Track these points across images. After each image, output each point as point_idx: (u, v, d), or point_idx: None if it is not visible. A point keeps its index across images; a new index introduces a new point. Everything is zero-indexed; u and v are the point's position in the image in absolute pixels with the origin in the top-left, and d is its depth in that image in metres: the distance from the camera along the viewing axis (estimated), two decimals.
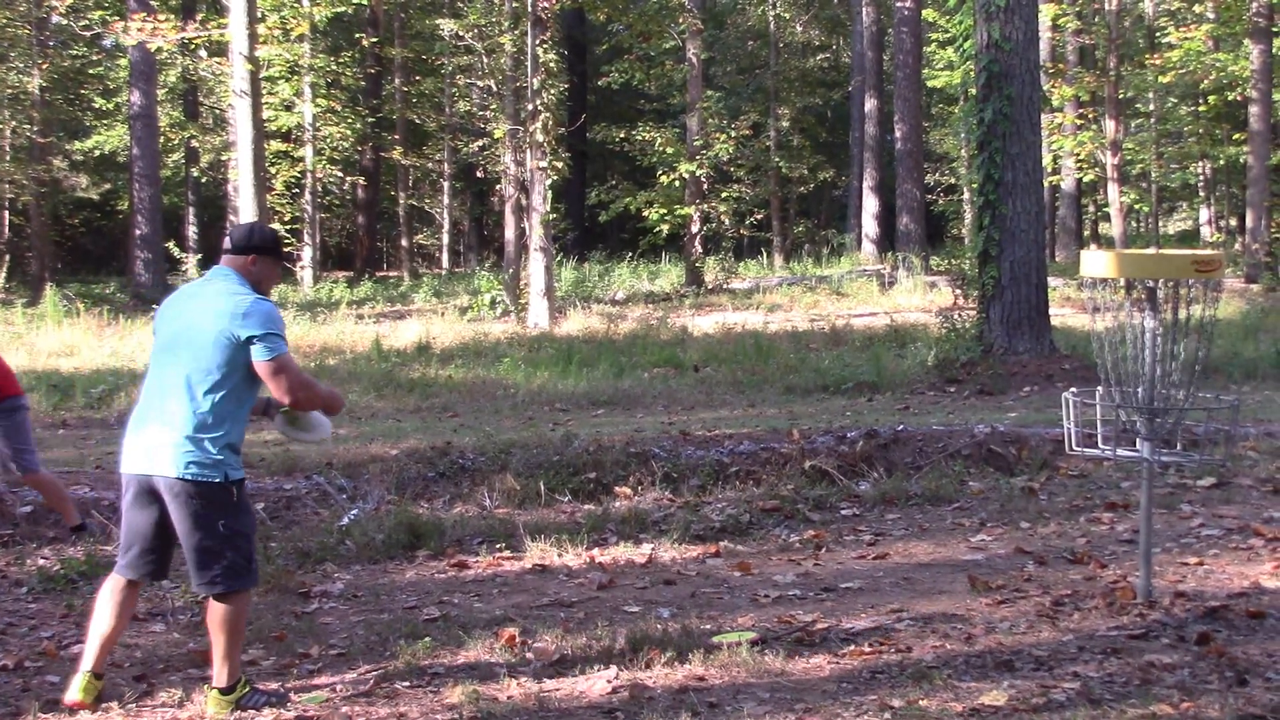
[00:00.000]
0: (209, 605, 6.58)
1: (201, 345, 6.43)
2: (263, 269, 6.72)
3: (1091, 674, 6.58)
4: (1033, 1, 18.84)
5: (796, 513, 10.94)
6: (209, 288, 6.62)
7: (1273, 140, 35.57)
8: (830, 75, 53.02)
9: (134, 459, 6.56)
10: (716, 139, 37.42)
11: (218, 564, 6.47)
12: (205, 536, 6.45)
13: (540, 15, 27.81)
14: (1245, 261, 34.18)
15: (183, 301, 6.73)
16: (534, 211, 27.84)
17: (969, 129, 20.11)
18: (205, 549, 6.46)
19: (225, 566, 6.49)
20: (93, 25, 33.79)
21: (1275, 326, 23.10)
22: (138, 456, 6.54)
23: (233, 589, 6.52)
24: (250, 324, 6.41)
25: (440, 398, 17.99)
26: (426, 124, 48.84)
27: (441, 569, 9.54)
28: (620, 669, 6.95)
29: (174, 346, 6.55)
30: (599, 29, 47.55)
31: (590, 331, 25.17)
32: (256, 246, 6.71)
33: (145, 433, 6.53)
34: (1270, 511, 10.33)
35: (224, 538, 6.48)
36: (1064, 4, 36.96)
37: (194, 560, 6.51)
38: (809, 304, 30.72)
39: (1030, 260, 18.49)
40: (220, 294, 6.53)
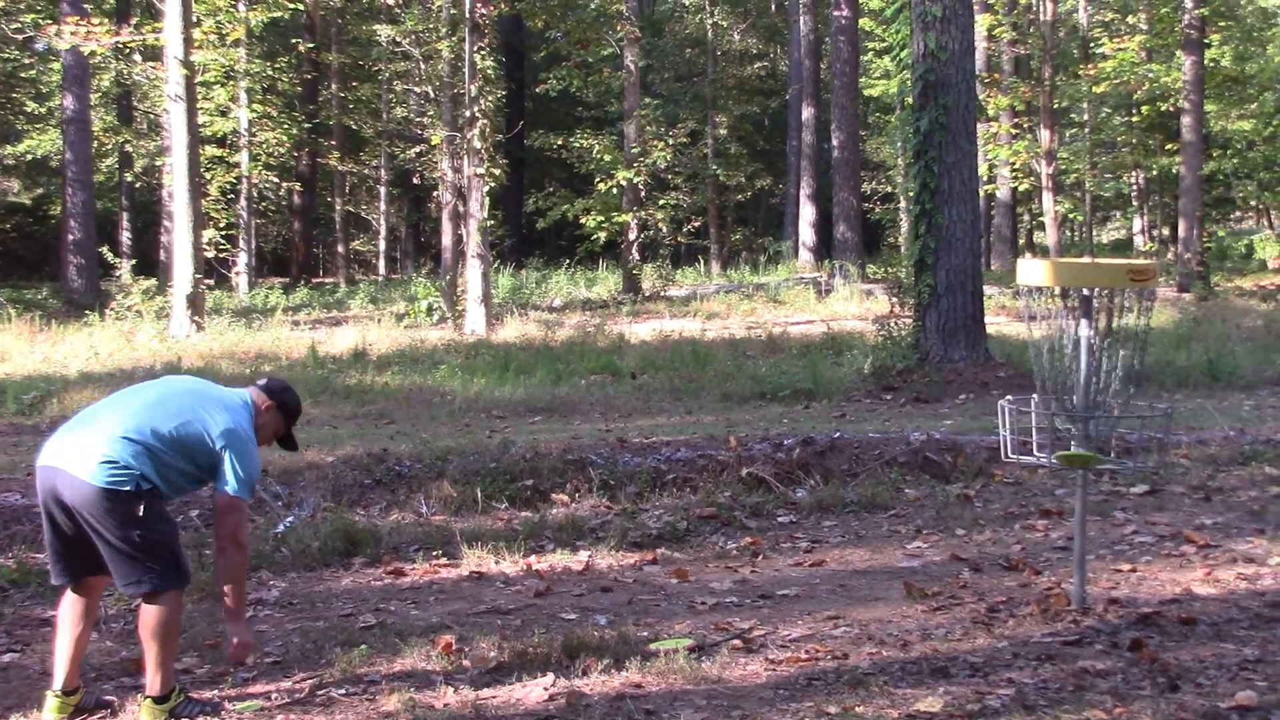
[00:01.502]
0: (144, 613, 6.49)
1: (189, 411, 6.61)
2: (271, 419, 7.15)
3: (1026, 680, 6.61)
4: (969, 11, 18.94)
5: (733, 520, 10.95)
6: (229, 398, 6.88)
7: (1204, 151, 35.90)
8: (768, 83, 53.19)
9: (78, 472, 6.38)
10: (654, 146, 37.44)
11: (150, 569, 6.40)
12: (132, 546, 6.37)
13: (478, 22, 27.76)
14: (1178, 270, 34.46)
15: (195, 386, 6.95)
16: (471, 218, 27.78)
17: (905, 138, 20.20)
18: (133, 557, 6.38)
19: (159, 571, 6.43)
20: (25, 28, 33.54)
21: (1207, 335, 23.30)
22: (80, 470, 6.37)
23: (169, 588, 6.46)
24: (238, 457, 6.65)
25: (377, 404, 17.90)
26: (363, 130, 48.70)
27: (378, 576, 9.50)
28: (557, 676, 6.93)
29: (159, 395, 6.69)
30: (537, 36, 47.45)
31: (527, 338, 25.13)
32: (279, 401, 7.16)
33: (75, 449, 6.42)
34: (1202, 518, 10.42)
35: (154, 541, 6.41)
36: (999, 14, 37.24)
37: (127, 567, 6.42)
38: (746, 311, 30.76)
39: (966, 268, 18.57)
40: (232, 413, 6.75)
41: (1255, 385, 18.16)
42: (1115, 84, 38.74)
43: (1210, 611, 7.72)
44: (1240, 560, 9.00)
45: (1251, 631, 7.33)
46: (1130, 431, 8.31)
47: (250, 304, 33.37)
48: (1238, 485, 11.59)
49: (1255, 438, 13.23)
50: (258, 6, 38.30)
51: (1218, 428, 13.94)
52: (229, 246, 39.82)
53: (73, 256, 34.60)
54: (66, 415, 17.08)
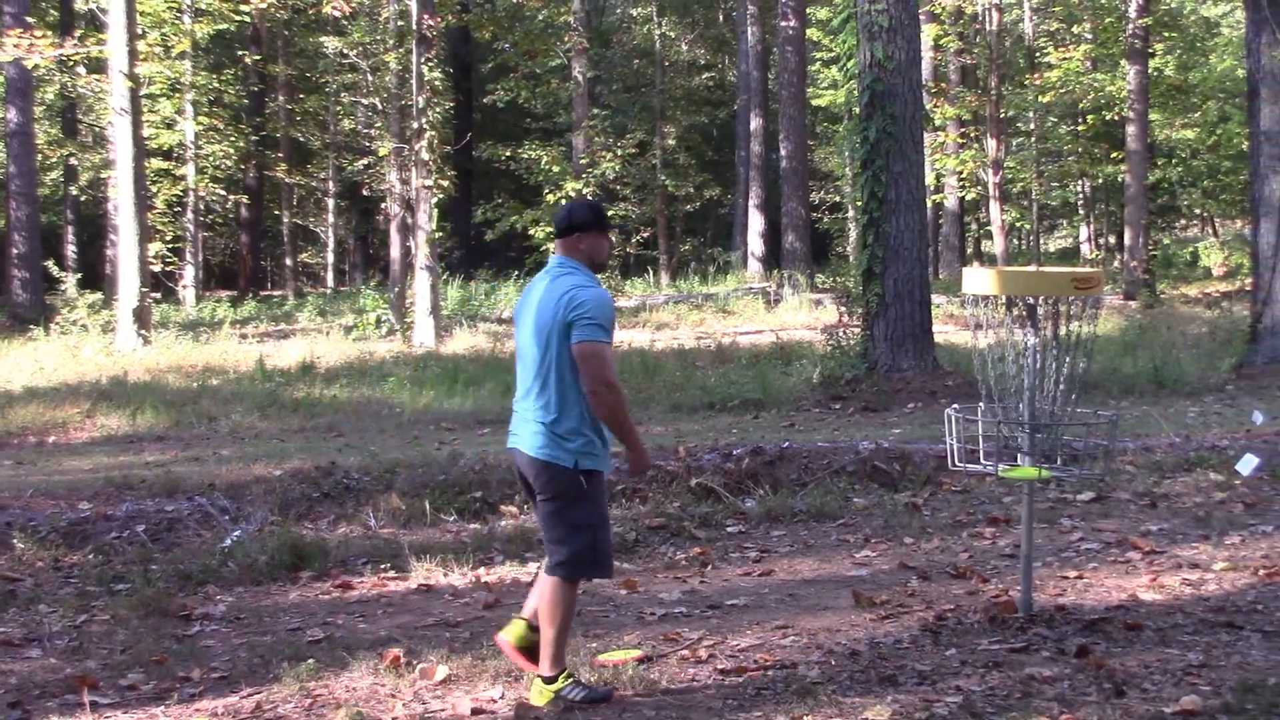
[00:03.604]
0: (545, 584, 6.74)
1: (548, 332, 6.67)
2: (591, 244, 6.89)
3: (974, 687, 6.63)
4: (915, 22, 19.04)
5: (683, 530, 10.95)
6: (550, 278, 6.85)
7: (1149, 159, 36.15)
8: (716, 94, 53.28)
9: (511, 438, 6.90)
10: (602, 157, 37.49)
11: (565, 548, 6.65)
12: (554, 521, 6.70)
13: (425, 33, 27.73)
14: (1123, 279, 34.68)
15: (531, 293, 6.95)
16: (419, 230, 27.75)
17: (853, 147, 20.30)
18: (555, 533, 6.70)
19: (571, 552, 6.65)
20: None
21: (1152, 342, 23.46)
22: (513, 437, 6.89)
23: (573, 576, 6.70)
24: (575, 310, 6.59)
25: (325, 417, 17.86)
26: (311, 142, 48.55)
27: (325, 590, 9.46)
28: (506, 688, 6.92)
29: (529, 334, 6.81)
30: (484, 47, 47.43)
31: (476, 350, 25.10)
32: (578, 225, 6.87)
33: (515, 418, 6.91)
34: (1147, 525, 10.49)
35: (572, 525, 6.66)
36: (946, 24, 37.39)
37: (546, 540, 6.80)
38: (695, 322, 30.82)
39: (914, 278, 18.65)
40: (558, 284, 6.74)
41: (1200, 392, 18.30)
42: (1061, 93, 38.97)
43: (1156, 617, 7.77)
44: (1185, 566, 9.06)
45: (1196, 637, 7.38)
46: (1076, 439, 8.36)
47: (197, 317, 33.19)
48: (1183, 492, 11.66)
49: (1200, 444, 13.32)
50: (203, 18, 38.19)
51: (1163, 435, 14.04)
52: (175, 259, 39.65)
53: (17, 270, 34.31)
54: (10, 431, 17.03)
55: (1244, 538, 9.92)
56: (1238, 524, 10.38)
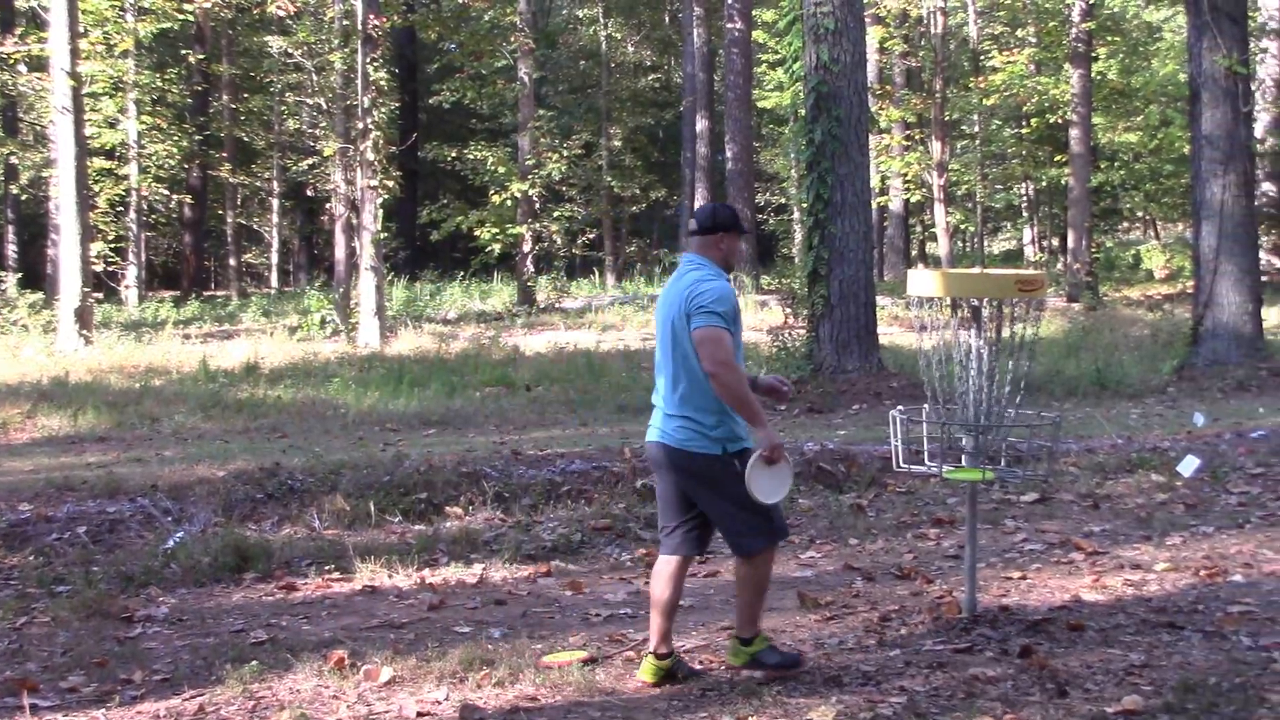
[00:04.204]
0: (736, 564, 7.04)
1: (676, 329, 6.89)
2: (729, 244, 7.07)
3: (918, 688, 6.66)
4: (860, 24, 19.10)
5: (628, 531, 10.96)
6: (678, 276, 7.05)
7: (1092, 162, 36.36)
8: (662, 95, 53.31)
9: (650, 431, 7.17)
10: (548, 158, 37.45)
11: (737, 528, 6.87)
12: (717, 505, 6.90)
13: (371, 33, 27.65)
14: (1067, 281, 34.88)
15: (665, 293, 7.10)
16: (365, 230, 27.66)
17: (798, 149, 20.31)
18: (721, 516, 6.91)
19: (744, 529, 6.85)
20: None
21: (1095, 344, 23.61)
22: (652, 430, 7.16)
23: (754, 550, 6.89)
24: (693, 301, 6.80)
25: (269, 418, 17.77)
26: (255, 142, 48.31)
27: (269, 591, 9.41)
28: (451, 690, 6.90)
29: (663, 334, 7.00)
30: (430, 47, 47.38)
31: (422, 351, 25.04)
32: (722, 225, 7.05)
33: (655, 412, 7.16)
34: (1090, 526, 10.57)
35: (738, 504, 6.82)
36: (891, 27, 37.54)
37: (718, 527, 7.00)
38: (641, 323, 30.81)
39: (859, 279, 18.70)
40: (683, 281, 6.94)
41: (1142, 394, 18.43)
42: (1005, 96, 39.16)
43: (1098, 618, 7.82)
44: (1127, 567, 9.12)
45: (1138, 637, 7.43)
46: (1020, 440, 8.40)
47: (140, 317, 32.99)
48: (1125, 493, 11.76)
49: (1142, 446, 13.42)
50: (146, 17, 37.95)
51: (1105, 436, 14.13)
52: (118, 259, 39.41)
53: None
54: None
55: (1185, 538, 10.01)
56: (1179, 525, 10.47)
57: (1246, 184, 19.88)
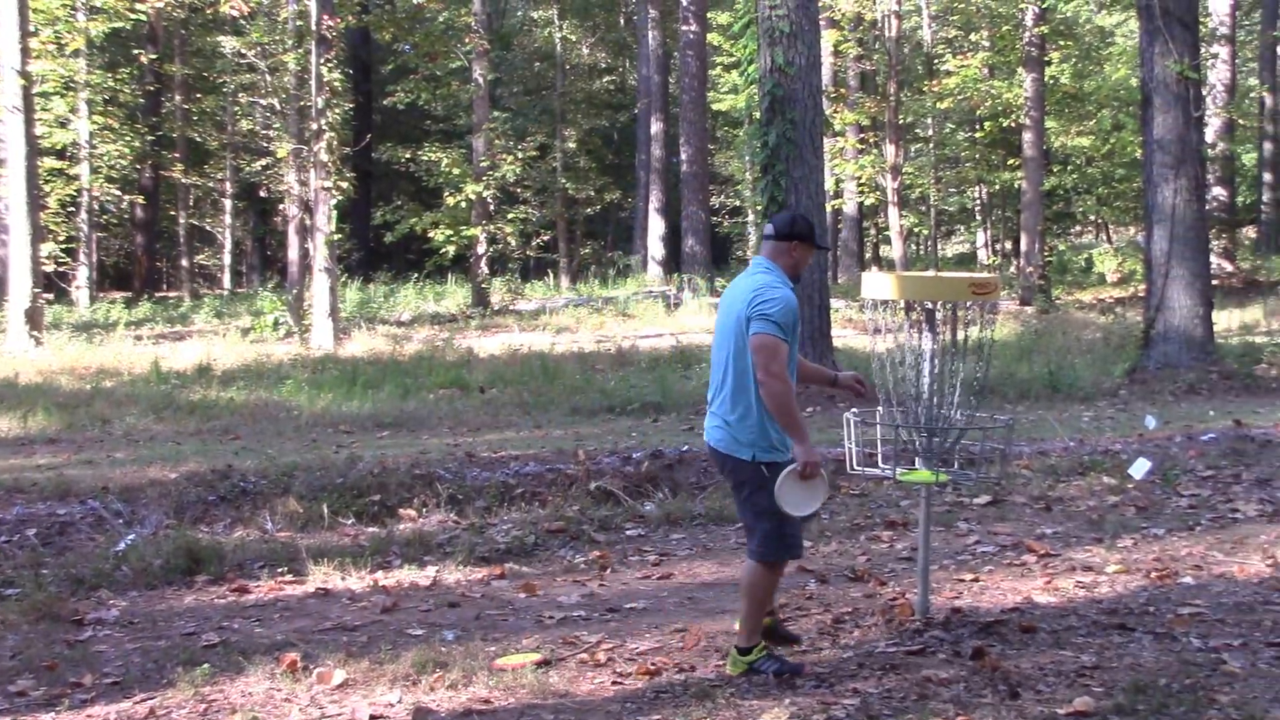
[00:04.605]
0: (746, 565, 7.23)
1: (733, 329, 7.02)
2: (801, 254, 7.19)
3: (871, 690, 6.68)
4: (815, 27, 19.13)
5: (582, 534, 10.95)
6: (745, 277, 7.20)
7: (1045, 166, 36.54)
8: (616, 97, 53.33)
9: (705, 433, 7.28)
10: (503, 160, 37.42)
11: (755, 534, 7.05)
12: (743, 508, 7.15)
13: (324, 34, 27.56)
14: (1020, 284, 35.04)
15: (729, 290, 7.28)
16: (318, 231, 27.56)
17: (753, 152, 20.37)
18: (745, 519, 7.20)
19: (760, 537, 7.00)
20: None
21: (1048, 347, 23.70)
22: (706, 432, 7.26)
23: (764, 559, 7.05)
24: (756, 306, 6.90)
25: (221, 420, 17.68)
26: (208, 142, 48.03)
27: (221, 594, 9.36)
28: (404, 692, 6.88)
29: (719, 332, 7.19)
30: (385, 48, 47.24)
31: (375, 353, 24.97)
32: (799, 234, 7.17)
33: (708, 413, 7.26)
34: (1042, 528, 10.61)
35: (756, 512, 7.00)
36: (846, 30, 37.60)
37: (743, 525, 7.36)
38: (595, 325, 30.80)
39: (813, 282, 18.73)
40: (749, 282, 7.07)
41: (1094, 397, 18.52)
42: (959, 100, 39.29)
43: (1050, 619, 7.85)
44: (1079, 569, 9.17)
45: (1089, 639, 7.46)
46: (973, 443, 8.41)
47: (91, 319, 32.75)
48: (1077, 495, 11.81)
49: (1094, 448, 13.49)
50: (98, 16, 37.72)
51: (1058, 439, 14.20)
52: (69, 260, 39.14)
53: None
54: None
55: (1136, 540, 10.07)
56: (1130, 527, 10.53)
57: (1198, 188, 20.00)
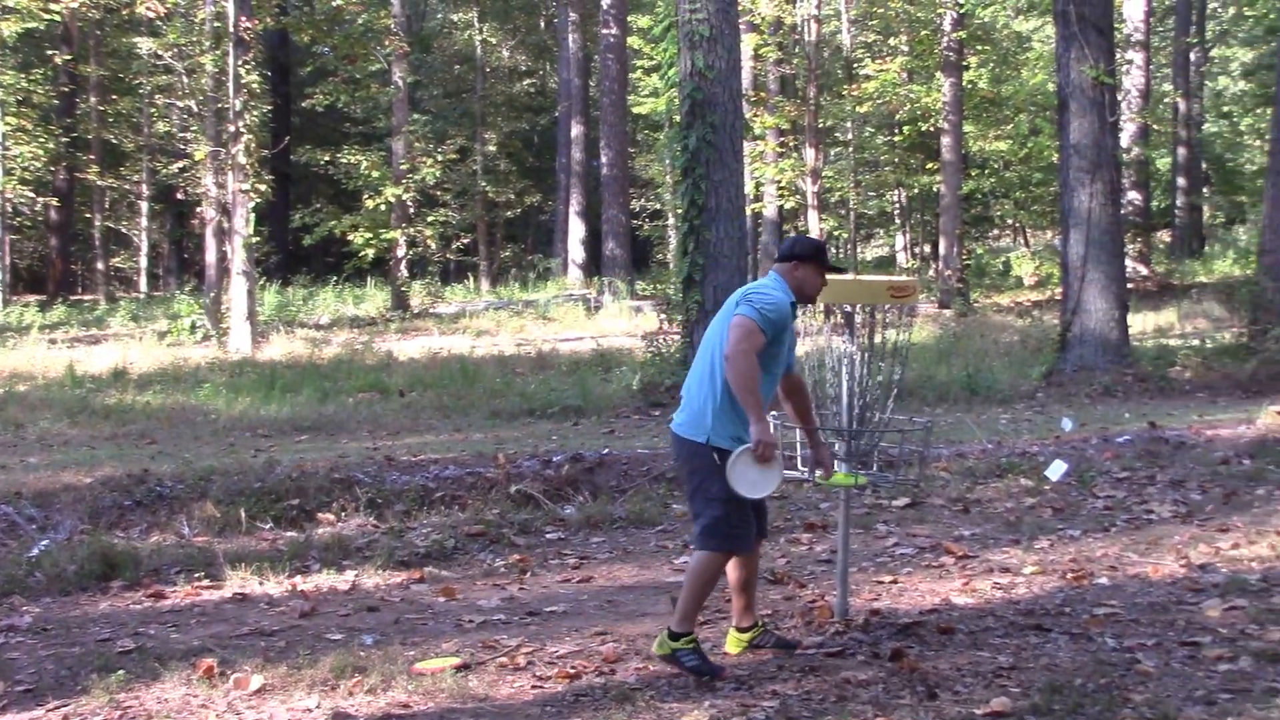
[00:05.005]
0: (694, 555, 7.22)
1: (724, 324, 7.05)
2: (804, 275, 7.21)
3: (790, 692, 6.69)
4: (735, 31, 19.16)
5: (502, 537, 10.93)
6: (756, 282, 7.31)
7: (963, 170, 36.78)
8: (537, 100, 53.27)
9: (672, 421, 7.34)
10: (423, 163, 37.31)
11: (700, 521, 7.08)
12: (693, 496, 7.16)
13: (242, 36, 27.37)
14: (938, 287, 35.24)
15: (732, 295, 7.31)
16: (236, 234, 27.36)
17: (673, 155, 20.34)
18: (694, 508, 7.17)
19: (704, 525, 7.05)
20: None
21: (966, 350, 23.86)
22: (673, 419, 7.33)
23: (706, 548, 7.06)
24: (747, 296, 7.04)
25: (138, 424, 17.53)
26: (124, 144, 47.51)
27: (137, 600, 9.27)
28: (322, 698, 6.84)
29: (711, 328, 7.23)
30: (303, 50, 46.97)
31: (294, 356, 24.82)
32: (798, 254, 7.24)
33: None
34: (960, 530, 10.69)
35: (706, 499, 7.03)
36: (765, 34, 37.70)
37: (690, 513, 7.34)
38: (515, 328, 30.76)
39: (733, 285, 18.68)
40: (753, 284, 7.21)
41: (1012, 399, 18.67)
42: (878, 104, 39.47)
43: (968, 621, 7.91)
44: (996, 570, 9.24)
45: (1006, 639, 7.52)
46: (892, 445, 8.46)
47: (4, 322, 32.41)
48: (994, 497, 11.90)
49: (1011, 450, 13.58)
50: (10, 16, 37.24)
51: (976, 441, 14.29)
52: None
53: None
54: None
55: (1052, 542, 10.15)
56: (1047, 528, 10.62)
57: (1113, 193, 20.22)
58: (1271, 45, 34.37)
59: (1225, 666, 6.88)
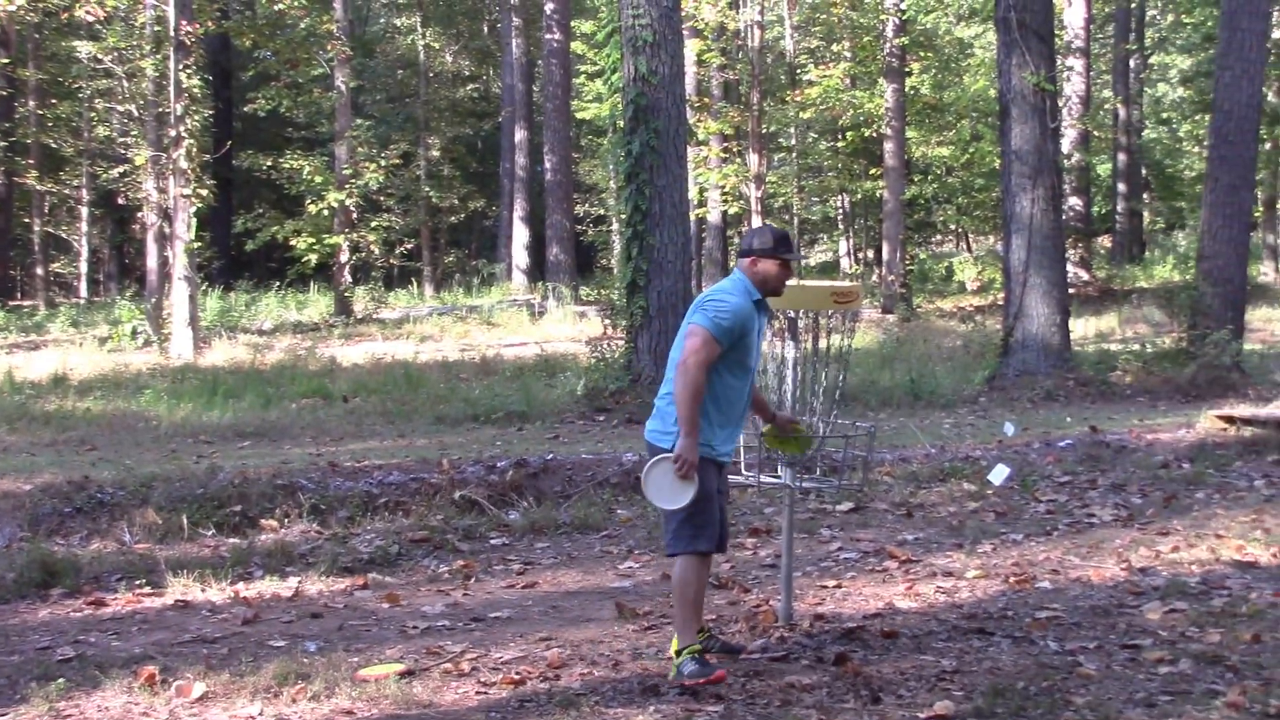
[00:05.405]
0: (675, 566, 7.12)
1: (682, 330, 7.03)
2: (764, 268, 7.06)
3: (734, 696, 6.69)
4: (678, 37, 19.18)
5: (446, 543, 10.90)
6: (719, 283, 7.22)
7: (906, 176, 36.96)
8: (480, 105, 53.16)
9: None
10: (366, 168, 37.19)
11: (669, 526, 7.06)
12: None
13: (183, 40, 27.22)
14: (881, 292, 35.39)
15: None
16: (177, 239, 27.20)
17: (617, 161, 20.35)
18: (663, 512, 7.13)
19: (673, 529, 7.02)
20: None
21: (909, 355, 23.96)
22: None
23: (675, 550, 7.03)
24: (702, 304, 6.96)
25: (78, 431, 17.38)
26: (63, 149, 47.11)
27: (77, 607, 9.20)
28: (265, 705, 6.80)
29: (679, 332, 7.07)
30: (245, 55, 46.66)
31: (236, 362, 24.69)
32: (755, 249, 7.09)
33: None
34: (904, 534, 10.72)
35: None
36: (709, 40, 37.78)
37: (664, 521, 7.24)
38: (460, 334, 30.69)
39: (677, 291, 18.76)
40: (712, 288, 7.13)
41: (954, 404, 18.75)
42: (821, 110, 39.62)
43: (911, 625, 7.93)
44: (940, 574, 9.27)
45: (949, 643, 7.55)
46: (835, 450, 8.48)
47: None
48: (938, 502, 11.95)
49: (954, 455, 13.66)
50: None
51: (919, 446, 14.34)
52: None
53: None
54: None
55: (995, 546, 10.21)
56: (990, 532, 10.67)
57: (1054, 198, 20.33)
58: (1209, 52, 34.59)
59: (1165, 669, 6.93)
